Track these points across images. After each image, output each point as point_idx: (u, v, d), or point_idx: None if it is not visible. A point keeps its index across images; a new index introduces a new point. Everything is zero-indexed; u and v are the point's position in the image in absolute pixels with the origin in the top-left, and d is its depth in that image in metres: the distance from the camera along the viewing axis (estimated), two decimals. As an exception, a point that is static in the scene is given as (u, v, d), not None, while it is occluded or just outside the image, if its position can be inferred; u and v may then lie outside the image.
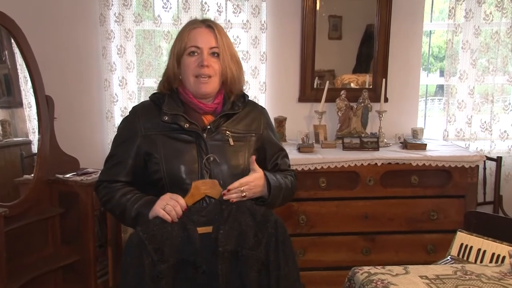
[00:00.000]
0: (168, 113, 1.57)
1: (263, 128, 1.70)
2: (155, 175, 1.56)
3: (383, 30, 3.27)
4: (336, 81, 3.37)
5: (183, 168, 1.54)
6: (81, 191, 2.75)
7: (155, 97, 1.64)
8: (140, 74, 3.25)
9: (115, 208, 1.57)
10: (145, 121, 1.59)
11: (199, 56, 1.56)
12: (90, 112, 3.24)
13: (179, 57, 1.59)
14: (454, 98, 3.37)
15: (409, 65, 3.39)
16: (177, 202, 1.46)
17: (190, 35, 1.58)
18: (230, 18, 3.20)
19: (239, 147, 1.61)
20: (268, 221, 1.49)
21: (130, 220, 1.53)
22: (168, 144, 1.56)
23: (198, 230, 1.45)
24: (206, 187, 1.50)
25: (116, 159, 1.60)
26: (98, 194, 1.65)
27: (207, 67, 1.56)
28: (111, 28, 3.11)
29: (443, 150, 2.98)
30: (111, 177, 1.60)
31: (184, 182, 1.53)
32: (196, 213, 1.47)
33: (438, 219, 2.84)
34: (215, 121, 1.61)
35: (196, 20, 1.64)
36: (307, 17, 3.23)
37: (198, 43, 1.57)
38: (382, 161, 2.79)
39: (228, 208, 1.48)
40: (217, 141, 1.59)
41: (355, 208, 2.81)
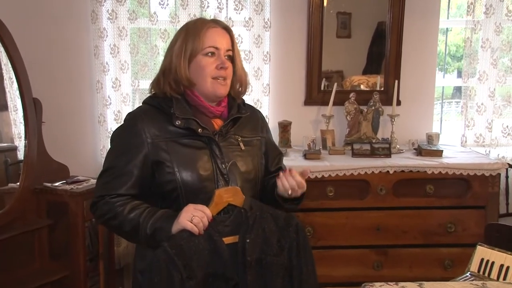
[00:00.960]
0: (180, 117, 1.56)
1: (264, 131, 1.76)
2: (168, 186, 1.55)
3: (396, 28, 3.26)
4: (344, 83, 3.35)
5: (198, 175, 1.54)
6: (71, 201, 2.73)
7: (154, 101, 1.62)
8: (135, 75, 3.24)
9: (124, 225, 1.52)
10: (150, 127, 1.56)
11: (217, 58, 1.59)
12: (81, 116, 3.23)
13: (192, 56, 1.59)
14: (473, 101, 3.35)
15: (423, 65, 3.37)
16: (203, 212, 1.45)
17: (208, 34, 1.59)
18: (231, 15, 3.20)
19: (249, 152, 1.65)
20: (290, 225, 1.54)
21: (145, 237, 1.49)
22: (180, 151, 1.55)
23: (224, 240, 1.47)
24: (228, 194, 1.52)
25: (118, 172, 1.55)
26: (96, 211, 1.58)
27: (226, 69, 1.59)
28: (104, 26, 3.10)
29: (461, 157, 2.96)
30: (112, 191, 1.54)
31: (201, 191, 1.53)
32: (221, 223, 1.50)
33: (456, 232, 2.82)
34: (226, 125, 1.63)
35: (205, 19, 1.66)
36: (314, 14, 3.22)
37: (218, 44, 1.59)
38: (394, 168, 2.78)
39: (252, 215, 1.51)
40: (229, 145, 1.62)
41: (366, 219, 2.80)
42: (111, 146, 1.63)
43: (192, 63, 1.59)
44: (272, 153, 1.77)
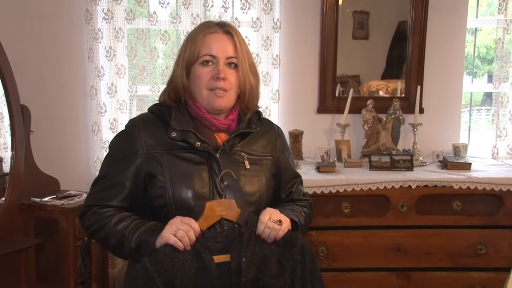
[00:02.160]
0: (177, 128, 1.57)
1: (279, 151, 1.73)
2: (158, 201, 1.55)
3: (418, 28, 3.24)
4: (361, 89, 3.34)
5: (192, 193, 1.53)
6: (62, 217, 2.73)
7: (157, 110, 1.64)
8: (133, 80, 3.25)
9: (110, 237, 1.52)
10: (146, 136, 1.57)
11: (215, 67, 1.58)
12: (73, 124, 3.24)
13: (189, 65, 1.60)
14: (505, 109, 3.32)
15: (449, 69, 3.35)
16: (190, 226, 1.44)
17: (205, 41, 1.58)
18: (238, 15, 3.20)
19: (255, 172, 1.63)
20: (293, 245, 1.52)
21: (129, 251, 1.49)
22: (174, 164, 1.55)
23: (214, 259, 1.46)
24: (221, 208, 1.51)
25: (110, 181, 1.57)
26: (84, 222, 1.60)
27: (223, 80, 1.57)
28: (99, 27, 3.12)
29: (492, 170, 2.93)
30: (102, 201, 1.56)
31: (192, 210, 1.52)
32: (211, 239, 1.48)
33: (487, 254, 2.77)
34: (230, 140, 1.61)
35: (211, 22, 1.64)
36: (328, 13, 3.21)
37: (214, 51, 1.58)
38: (417, 183, 2.74)
39: (247, 231, 1.50)
40: (231, 163, 1.59)
41: (385, 239, 2.76)
42: (108, 153, 1.66)
43: (191, 73, 1.60)
44: (285, 177, 1.74)
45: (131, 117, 3.19)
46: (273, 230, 1.51)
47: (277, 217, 1.53)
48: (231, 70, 1.59)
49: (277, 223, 1.51)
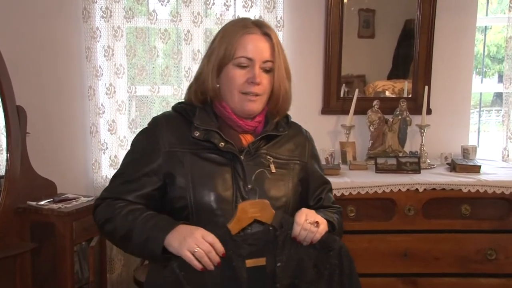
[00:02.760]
0: (200, 128, 1.55)
1: (308, 156, 1.70)
2: (178, 203, 1.53)
3: (426, 26, 3.25)
4: (367, 89, 3.34)
5: (214, 195, 1.51)
6: (58, 221, 2.74)
7: (181, 108, 1.63)
8: (132, 81, 3.26)
9: (118, 229, 1.50)
10: (169, 135, 1.56)
11: (250, 70, 1.54)
12: (71, 126, 3.24)
13: (222, 64, 1.56)
14: (516, 109, 3.32)
15: (458, 69, 3.35)
16: (212, 246, 1.39)
17: (242, 41, 1.54)
18: (240, 13, 3.21)
19: (281, 176, 1.60)
20: (331, 249, 1.49)
21: (138, 244, 1.46)
22: (197, 164, 1.53)
23: (246, 263, 1.42)
24: (255, 209, 1.47)
25: (128, 177, 1.56)
26: (96, 216, 1.57)
27: (258, 84, 1.54)
28: (97, 25, 3.13)
29: (502, 173, 2.92)
30: (117, 194, 1.54)
31: (214, 214, 1.50)
32: (243, 242, 1.44)
33: (497, 260, 2.76)
34: (255, 142, 1.59)
35: (248, 21, 1.60)
36: (333, 11, 3.22)
37: (251, 54, 1.54)
38: (424, 186, 2.74)
39: (283, 234, 1.46)
40: (256, 166, 1.57)
41: (392, 243, 2.76)
42: (129, 150, 1.64)
43: (222, 72, 1.57)
44: (314, 183, 1.70)
45: (129, 119, 3.24)
46: (310, 232, 1.47)
47: (314, 218, 1.49)
48: (266, 75, 1.56)
49: (314, 225, 1.48)
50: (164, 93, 3.26)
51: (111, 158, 3.22)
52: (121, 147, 3.23)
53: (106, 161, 3.24)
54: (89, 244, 2.85)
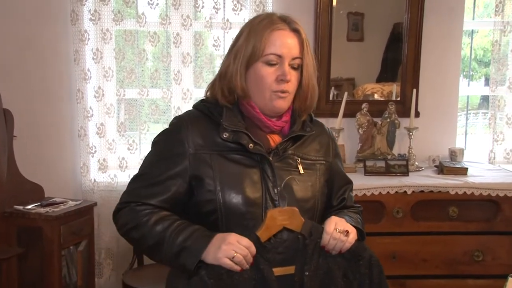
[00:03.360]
0: (228, 129, 1.51)
1: (332, 155, 1.67)
2: (206, 206, 1.49)
3: (414, 30, 3.26)
4: (356, 92, 3.35)
5: (243, 198, 1.48)
6: (46, 226, 2.72)
7: (204, 107, 1.58)
8: (120, 84, 3.24)
9: (146, 238, 1.46)
10: (195, 136, 1.52)
11: (279, 67, 1.51)
12: (59, 129, 3.23)
13: (250, 62, 1.52)
14: (502, 112, 3.35)
15: (445, 72, 3.37)
16: (248, 250, 1.38)
17: (271, 37, 1.49)
18: (229, 16, 3.21)
19: (309, 177, 1.58)
20: (360, 258, 1.46)
21: (168, 255, 1.43)
22: (225, 167, 1.50)
23: (274, 271, 1.40)
24: (284, 217, 1.44)
25: (151, 179, 1.51)
26: (118, 220, 1.54)
27: (288, 82, 1.51)
28: (85, 28, 3.11)
29: (489, 175, 2.94)
30: (140, 198, 1.50)
31: (244, 217, 1.48)
32: (272, 250, 1.43)
33: (484, 261, 2.79)
34: (283, 143, 1.57)
35: (275, 17, 1.55)
36: (322, 14, 3.23)
37: (280, 51, 1.50)
38: (412, 188, 2.76)
39: (312, 242, 1.44)
40: (285, 166, 1.55)
41: (380, 246, 2.74)
42: (151, 150, 1.59)
43: (250, 70, 1.52)
44: (338, 183, 1.68)
45: (118, 122, 3.23)
46: (340, 241, 1.44)
47: (344, 227, 1.46)
48: (294, 72, 1.53)
49: (343, 234, 1.45)
50: (153, 96, 3.25)
51: (100, 162, 3.20)
52: (109, 150, 3.22)
53: (94, 164, 3.22)
54: (77, 248, 2.84)
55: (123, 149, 3.26)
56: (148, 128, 3.26)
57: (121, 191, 3.00)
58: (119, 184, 3.18)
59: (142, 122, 3.24)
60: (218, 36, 3.21)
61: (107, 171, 3.22)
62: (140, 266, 3.06)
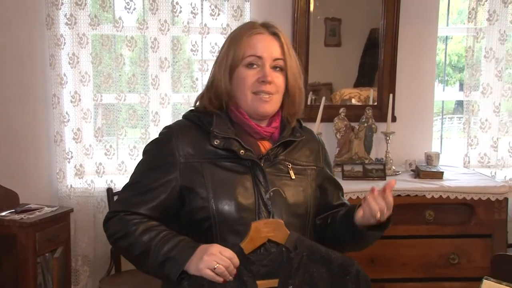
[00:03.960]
0: (219, 136, 1.51)
1: (322, 161, 1.68)
2: (199, 214, 1.49)
3: (390, 35, 3.29)
4: (334, 97, 3.37)
5: (236, 205, 1.48)
6: (20, 232, 2.69)
7: (194, 117, 1.59)
8: (97, 88, 3.22)
9: (133, 247, 1.46)
10: (185, 144, 1.52)
11: (260, 69, 1.52)
12: (34, 134, 3.19)
13: (233, 68, 1.54)
14: (477, 117, 3.38)
15: (421, 77, 3.40)
16: (231, 261, 1.37)
17: (250, 41, 1.52)
18: (207, 21, 3.21)
19: (300, 182, 1.58)
20: (347, 272, 1.42)
21: (153, 266, 1.43)
22: (216, 174, 1.50)
23: (258, 284, 1.38)
24: (268, 229, 1.42)
25: (141, 188, 1.51)
26: (108, 229, 1.53)
27: (270, 83, 1.52)
28: (61, 33, 3.08)
29: (463, 179, 2.97)
30: (130, 207, 1.50)
31: (238, 223, 1.47)
32: (256, 262, 1.40)
33: (460, 264, 2.82)
34: (274, 149, 1.57)
35: (255, 23, 1.59)
36: (299, 20, 3.24)
37: (259, 52, 1.52)
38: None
39: (297, 256, 1.41)
40: (277, 172, 1.55)
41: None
42: (141, 159, 1.60)
43: (234, 75, 1.54)
44: (331, 187, 1.69)
45: (95, 127, 3.20)
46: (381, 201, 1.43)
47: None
48: (277, 74, 1.53)
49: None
50: (130, 101, 3.23)
51: (76, 167, 3.16)
52: (86, 155, 3.18)
53: (71, 170, 3.18)
54: (53, 255, 2.80)
55: (100, 154, 3.23)
56: (126, 133, 3.23)
57: (98, 196, 3.00)
58: (96, 190, 3.15)
59: (120, 127, 3.21)
60: (196, 41, 3.20)
61: (84, 176, 3.18)
62: (117, 273, 3.02)
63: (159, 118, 3.17)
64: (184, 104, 3.19)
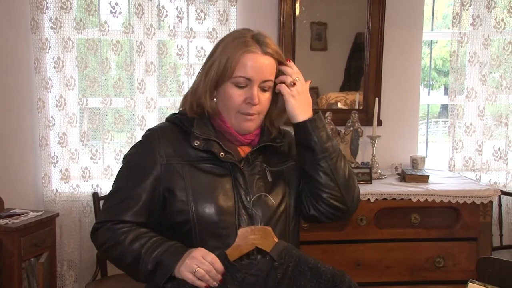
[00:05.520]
0: (200, 137, 1.51)
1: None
2: (179, 217, 1.49)
3: (376, 40, 3.30)
4: (320, 101, 3.37)
5: (216, 207, 1.47)
6: (6, 237, 2.67)
7: (176, 119, 1.59)
8: (83, 92, 3.19)
9: (124, 256, 1.46)
10: (166, 146, 1.52)
11: (248, 90, 1.50)
12: (19, 139, 3.17)
13: (220, 81, 1.51)
14: (461, 121, 3.39)
15: (406, 81, 3.41)
16: (212, 266, 1.35)
17: (242, 60, 1.48)
18: (193, 25, 3.20)
19: (278, 185, 1.58)
20: (338, 287, 1.38)
21: (144, 273, 1.42)
22: (197, 177, 1.50)
23: None
24: (255, 236, 1.39)
25: (124, 194, 1.51)
26: (96, 239, 1.52)
27: (255, 105, 1.50)
28: (46, 36, 3.06)
29: (449, 183, 2.98)
30: (116, 216, 1.49)
31: (218, 226, 1.47)
32: (242, 270, 1.37)
33: (445, 267, 2.82)
34: (254, 152, 1.57)
35: (247, 36, 1.52)
36: (285, 24, 3.24)
37: (250, 74, 1.48)
38: (376, 196, 2.78)
39: (282, 266, 1.37)
40: (256, 175, 1.55)
41: (345, 253, 2.78)
42: (122, 165, 1.59)
43: (220, 88, 1.52)
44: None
45: (81, 131, 3.17)
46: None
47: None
48: (265, 94, 1.52)
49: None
50: (116, 105, 3.21)
51: (62, 172, 3.13)
52: (72, 160, 3.15)
53: (56, 174, 3.15)
54: (38, 260, 2.76)
55: (86, 158, 3.20)
56: (112, 137, 3.20)
57: (84, 201, 2.97)
58: (82, 194, 3.13)
59: (106, 131, 3.18)
60: (182, 45, 3.18)
61: (70, 181, 3.14)
62: (103, 278, 2.99)
63: (145, 122, 3.15)
64: (170, 108, 3.17)
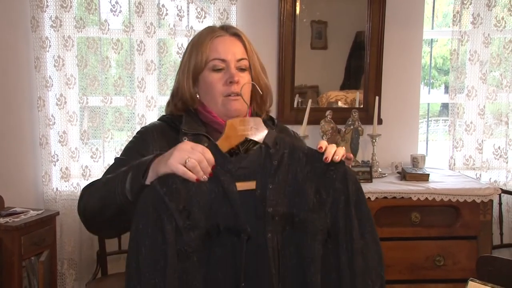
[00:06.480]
0: (188, 133, 1.52)
1: None
2: None
3: (376, 39, 3.30)
4: (320, 99, 3.36)
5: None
6: (6, 236, 2.66)
7: (167, 118, 1.61)
8: (83, 91, 3.19)
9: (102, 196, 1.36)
10: (159, 141, 1.55)
11: (226, 71, 1.52)
12: (19, 137, 3.17)
13: (197, 73, 1.54)
14: (462, 119, 3.39)
15: (407, 80, 3.41)
16: (203, 155, 1.26)
17: (212, 45, 1.52)
18: (193, 24, 3.19)
19: None
20: (335, 171, 1.29)
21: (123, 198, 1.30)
22: None
23: (236, 185, 1.26)
24: (245, 127, 1.32)
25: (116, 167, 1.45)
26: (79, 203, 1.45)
27: (237, 83, 1.51)
28: (46, 35, 3.06)
29: (449, 181, 2.98)
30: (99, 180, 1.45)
31: None
32: (233, 161, 1.28)
33: (445, 266, 2.82)
34: (244, 143, 1.50)
35: (214, 27, 1.60)
36: (285, 23, 3.24)
37: (223, 54, 1.52)
38: (376, 195, 2.78)
39: (277, 153, 1.29)
40: None
41: (345, 253, 2.77)
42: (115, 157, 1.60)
43: (200, 81, 1.55)
44: None
45: (81, 130, 3.17)
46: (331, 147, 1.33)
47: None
48: (243, 74, 1.54)
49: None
50: (117, 103, 3.20)
51: (62, 170, 3.13)
52: (72, 158, 3.15)
53: (57, 173, 3.15)
54: (39, 258, 2.76)
55: (86, 157, 3.20)
56: (112, 136, 3.20)
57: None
58: (82, 193, 3.12)
59: (106, 130, 3.18)
60: (182, 43, 3.18)
61: (70, 179, 3.14)
62: (104, 276, 2.99)
63: (146, 121, 3.14)
64: (170, 107, 3.17)
